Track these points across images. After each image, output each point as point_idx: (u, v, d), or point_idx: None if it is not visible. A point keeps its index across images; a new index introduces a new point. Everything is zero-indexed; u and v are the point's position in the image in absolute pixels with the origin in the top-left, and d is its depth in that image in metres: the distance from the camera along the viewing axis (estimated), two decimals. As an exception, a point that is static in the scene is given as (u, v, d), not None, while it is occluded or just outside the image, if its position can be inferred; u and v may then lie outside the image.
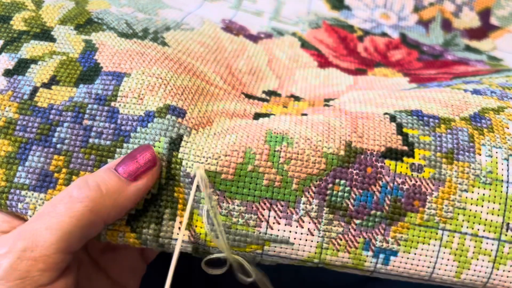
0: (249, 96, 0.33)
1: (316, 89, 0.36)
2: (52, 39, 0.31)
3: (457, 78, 0.38)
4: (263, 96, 0.34)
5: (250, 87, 0.34)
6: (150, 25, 0.35)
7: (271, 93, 0.35)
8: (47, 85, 0.28)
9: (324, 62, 0.42)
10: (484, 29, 0.52)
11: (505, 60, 0.47)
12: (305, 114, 0.30)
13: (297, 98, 0.34)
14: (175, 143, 0.26)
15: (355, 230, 0.26)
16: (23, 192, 0.26)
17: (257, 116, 0.29)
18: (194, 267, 0.44)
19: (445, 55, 0.47)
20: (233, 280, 0.39)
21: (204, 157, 0.26)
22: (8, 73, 0.29)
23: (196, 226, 0.26)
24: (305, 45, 0.44)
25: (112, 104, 0.28)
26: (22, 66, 0.29)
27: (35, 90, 0.28)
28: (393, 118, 0.28)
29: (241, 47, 0.39)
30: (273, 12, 0.48)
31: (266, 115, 0.30)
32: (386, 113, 0.29)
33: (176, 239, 0.26)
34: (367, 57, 0.45)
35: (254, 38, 0.42)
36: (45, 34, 0.31)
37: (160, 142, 0.26)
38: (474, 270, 0.26)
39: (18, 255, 0.21)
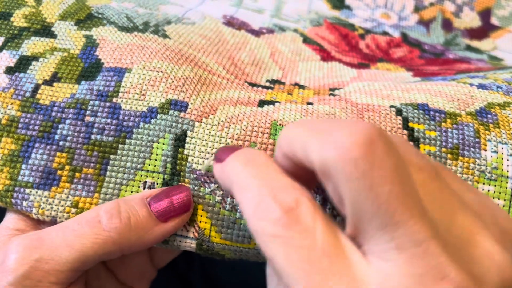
0: (252, 85, 0.33)
1: (321, 80, 0.36)
2: (53, 35, 0.31)
3: (461, 73, 0.38)
4: (267, 84, 0.34)
5: (253, 77, 0.34)
6: (151, 19, 0.35)
7: (275, 82, 0.34)
8: (48, 82, 0.28)
9: (326, 56, 0.42)
10: (485, 29, 0.52)
11: (505, 60, 0.47)
12: (311, 103, 0.29)
13: (301, 87, 0.34)
14: (180, 140, 0.26)
15: None
16: (27, 190, 0.26)
17: (261, 103, 0.29)
18: (194, 267, 0.43)
19: (446, 53, 0.47)
20: (232, 279, 0.39)
21: (209, 153, 0.26)
22: (9, 70, 0.29)
23: (200, 222, 0.26)
24: (307, 40, 0.44)
25: (114, 100, 0.27)
26: (23, 63, 0.29)
27: (37, 87, 0.28)
28: (399, 112, 0.28)
29: (243, 40, 0.39)
30: (274, 10, 0.48)
31: (271, 102, 0.29)
32: (392, 106, 0.28)
33: (180, 235, 0.26)
34: (369, 53, 0.45)
35: (256, 33, 0.42)
36: (46, 30, 0.31)
37: (165, 138, 0.26)
38: None
39: (32, 265, 0.22)
